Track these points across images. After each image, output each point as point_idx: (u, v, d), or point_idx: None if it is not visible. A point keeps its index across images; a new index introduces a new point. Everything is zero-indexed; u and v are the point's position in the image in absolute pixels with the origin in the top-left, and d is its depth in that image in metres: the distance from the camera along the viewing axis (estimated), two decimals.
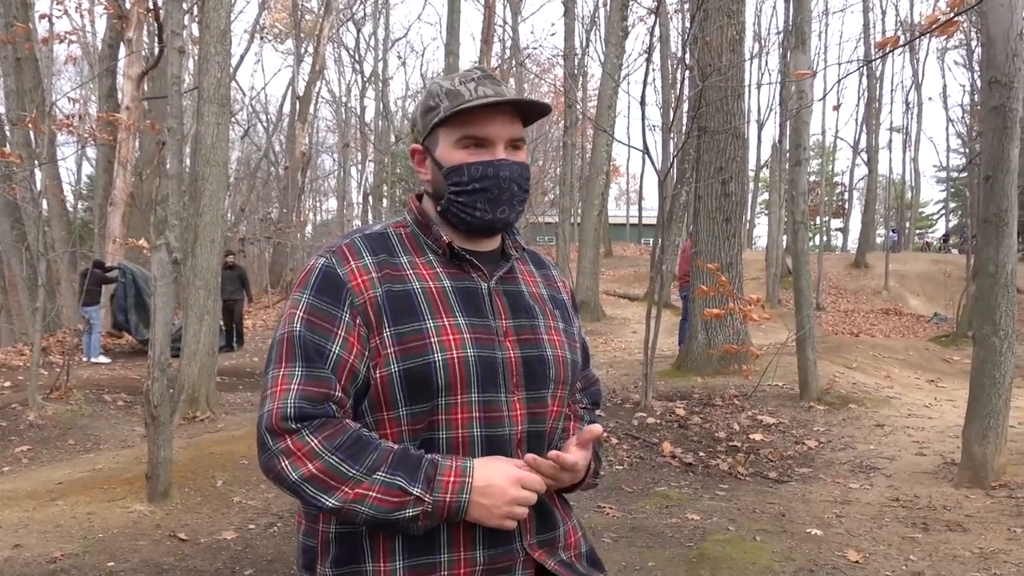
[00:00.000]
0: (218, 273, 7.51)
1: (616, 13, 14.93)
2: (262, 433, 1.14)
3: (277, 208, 29.48)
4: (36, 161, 11.60)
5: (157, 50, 13.96)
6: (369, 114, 32.83)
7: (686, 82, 10.75)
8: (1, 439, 6.54)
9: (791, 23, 11.61)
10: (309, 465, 1.10)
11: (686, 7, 16.28)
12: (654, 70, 21.49)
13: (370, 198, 29.23)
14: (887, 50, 4.74)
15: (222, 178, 7.52)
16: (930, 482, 5.06)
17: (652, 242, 12.00)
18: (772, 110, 30.29)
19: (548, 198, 33.36)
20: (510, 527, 1.16)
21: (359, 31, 29.99)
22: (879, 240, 35.84)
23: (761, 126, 33.17)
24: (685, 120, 10.03)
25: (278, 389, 1.14)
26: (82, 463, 5.80)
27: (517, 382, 1.22)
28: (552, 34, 59.48)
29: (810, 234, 16.09)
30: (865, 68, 23.17)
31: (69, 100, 12.01)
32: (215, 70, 7.24)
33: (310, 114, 25.84)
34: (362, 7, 29.59)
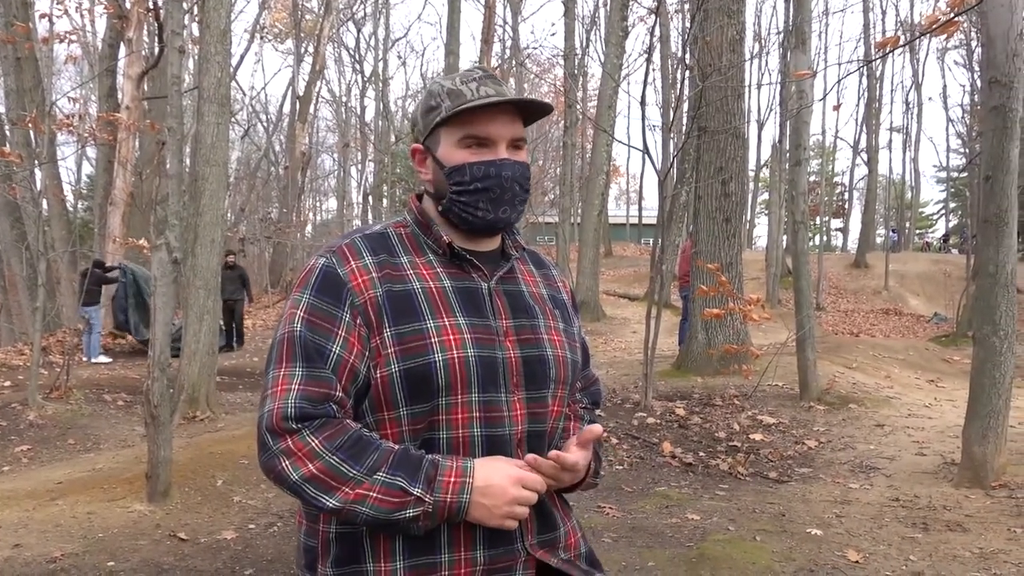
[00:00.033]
0: (218, 273, 7.51)
1: (616, 13, 14.93)
2: (263, 433, 1.14)
3: (277, 208, 29.48)
4: (36, 161, 11.59)
5: (157, 50, 13.96)
6: (369, 114, 32.89)
7: (686, 82, 10.74)
8: (1, 439, 6.54)
9: (791, 23, 11.61)
10: (310, 465, 1.10)
11: (686, 7, 16.27)
12: (654, 70, 21.51)
13: (370, 198, 29.24)
14: (887, 50, 4.74)
15: (222, 178, 7.52)
16: (930, 482, 5.06)
17: (652, 242, 11.99)
18: (772, 110, 30.33)
19: (548, 198, 33.36)
20: (511, 527, 1.16)
21: (359, 31, 30.02)
22: (879, 240, 35.85)
23: (761, 126, 33.23)
24: (685, 120, 10.03)
25: (279, 389, 1.14)
26: (82, 463, 5.80)
27: (517, 382, 1.22)
28: (552, 34, 59.52)
29: (810, 234, 16.10)
30: (865, 68, 23.17)
31: (69, 100, 12.02)
32: (215, 70, 7.25)
33: (310, 114, 25.84)
34: (362, 7, 29.63)
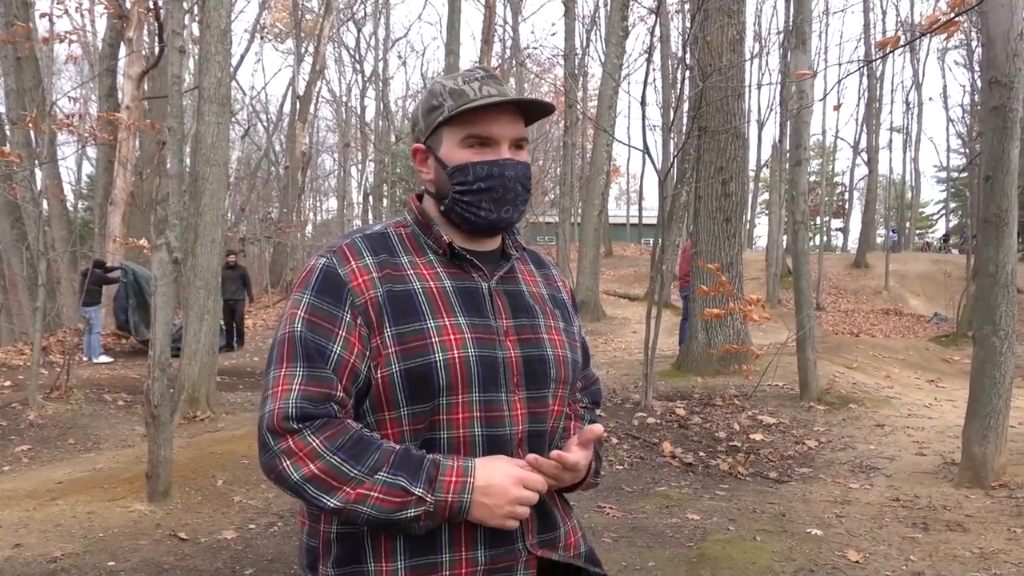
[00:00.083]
0: (218, 273, 7.51)
1: (616, 13, 14.93)
2: (263, 433, 1.14)
3: (277, 208, 29.48)
4: (36, 160, 11.59)
5: (157, 50, 13.96)
6: (369, 114, 32.89)
7: (686, 82, 10.73)
8: (1, 438, 6.54)
9: (791, 23, 11.60)
10: (311, 465, 1.10)
11: (686, 7, 16.28)
12: (654, 70, 21.51)
13: (370, 198, 29.24)
14: (887, 50, 4.74)
15: (222, 178, 7.52)
16: (930, 482, 5.06)
17: (652, 242, 11.99)
18: (772, 110, 30.33)
19: (548, 198, 33.35)
20: (512, 527, 1.16)
21: (359, 31, 30.02)
22: (879, 240, 35.86)
23: (761, 126, 33.23)
24: (685, 120, 10.03)
25: (279, 389, 1.14)
26: (82, 462, 5.80)
27: (518, 382, 1.22)
28: (552, 34, 59.43)
29: (810, 234, 16.09)
30: (865, 68, 23.17)
31: (69, 99, 12.02)
32: (215, 70, 7.25)
33: (310, 114, 25.84)
34: (362, 7, 29.63)
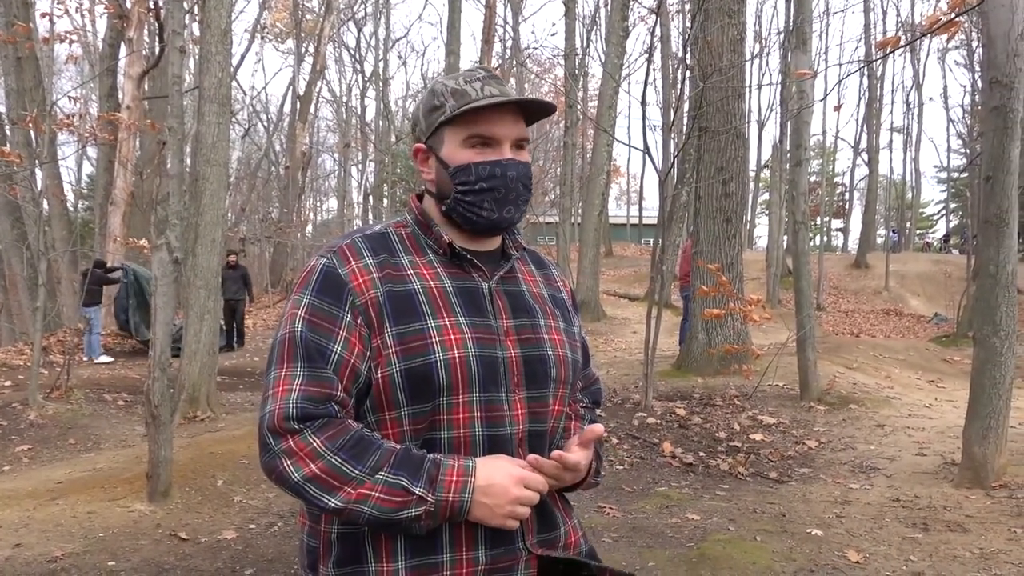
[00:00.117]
0: (218, 273, 7.52)
1: (617, 13, 14.93)
2: (264, 434, 1.14)
3: (277, 208, 29.48)
4: (37, 160, 11.59)
5: (158, 49, 13.97)
6: (370, 114, 32.90)
7: (687, 82, 10.73)
8: (2, 438, 6.54)
9: (792, 23, 11.60)
10: (312, 465, 1.10)
11: (687, 7, 16.28)
12: (655, 70, 21.52)
13: (370, 198, 29.25)
14: (888, 50, 4.74)
15: (223, 178, 7.53)
16: (930, 482, 5.06)
17: (652, 242, 11.99)
18: (773, 110, 30.32)
19: (548, 198, 33.34)
20: (512, 527, 1.16)
21: (360, 31, 30.03)
22: (880, 240, 35.88)
23: (762, 126, 33.23)
24: (686, 120, 10.03)
25: (280, 390, 1.14)
26: (82, 462, 5.80)
27: (518, 382, 1.22)
28: (553, 34, 59.52)
29: (811, 234, 16.10)
30: (866, 68, 23.17)
31: (70, 99, 12.05)
32: (216, 70, 7.25)
33: (311, 114, 25.85)
34: (363, 7, 29.64)
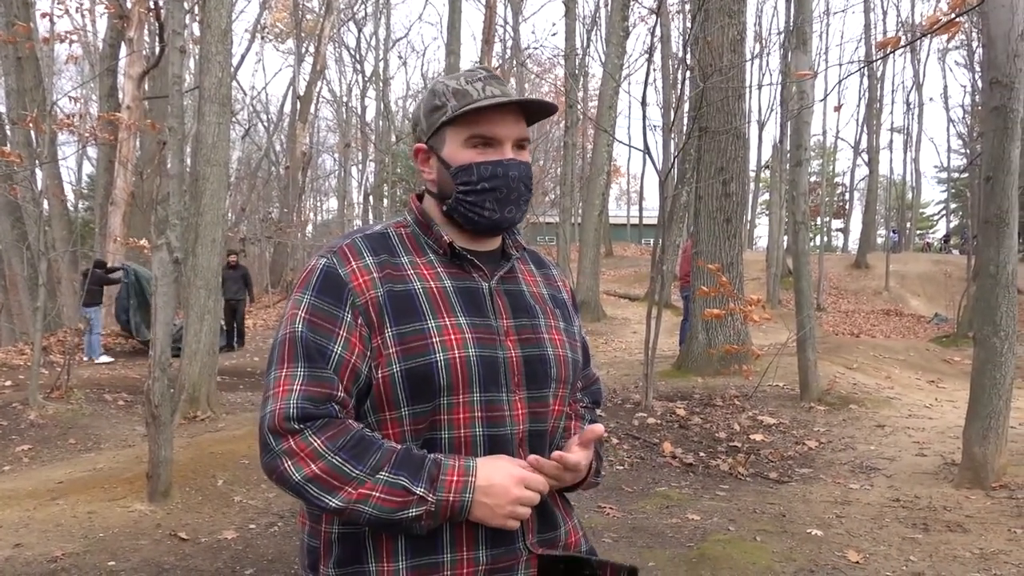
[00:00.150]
0: (218, 273, 7.52)
1: (617, 13, 14.94)
2: (264, 434, 1.14)
3: (278, 208, 29.48)
4: (37, 160, 11.59)
5: (158, 49, 13.97)
6: (370, 114, 32.90)
7: (687, 82, 10.74)
8: (2, 438, 6.54)
9: (792, 23, 11.60)
10: (312, 466, 1.10)
11: (687, 7, 16.28)
12: (655, 70, 21.52)
13: (371, 198, 29.25)
14: (888, 51, 4.74)
15: (223, 178, 7.53)
16: (930, 483, 5.06)
17: (653, 242, 12.00)
18: (773, 110, 30.28)
19: (549, 198, 33.35)
20: (513, 527, 1.16)
21: (360, 31, 30.04)
22: (880, 240, 35.88)
23: (762, 126, 33.21)
24: (686, 120, 10.04)
25: (280, 390, 1.14)
26: (83, 462, 5.80)
27: (519, 381, 1.22)
28: (553, 34, 59.52)
29: (811, 234, 16.10)
30: (866, 69, 23.16)
31: (70, 99, 12.08)
32: (216, 70, 7.25)
33: (311, 114, 25.86)
34: (363, 7, 29.65)
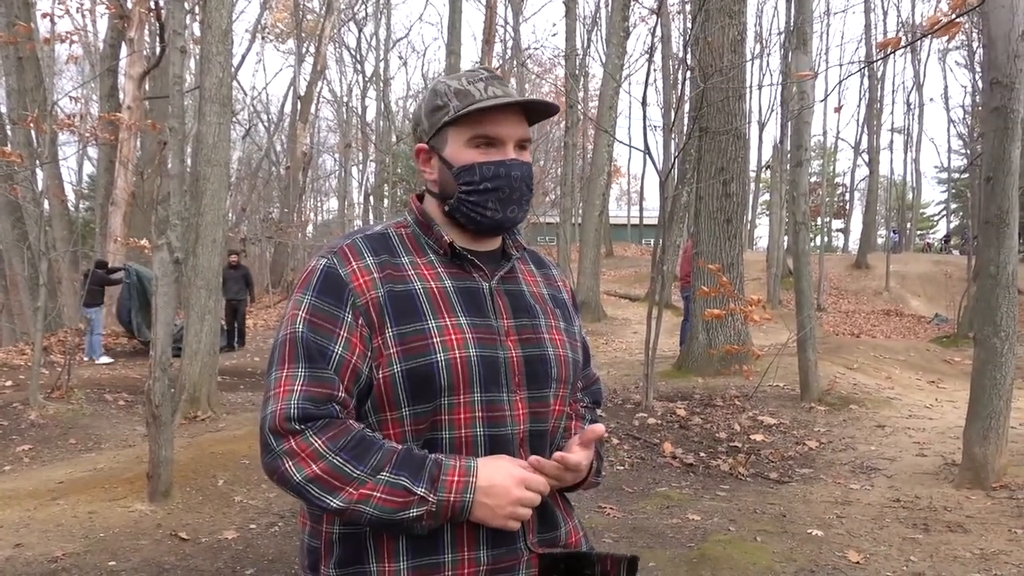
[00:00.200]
0: (219, 273, 7.53)
1: (617, 14, 14.94)
2: (265, 434, 1.14)
3: (278, 208, 29.49)
4: (38, 161, 11.60)
5: (159, 50, 13.98)
6: (370, 114, 32.90)
7: (687, 83, 10.75)
8: (2, 438, 6.55)
9: (792, 24, 11.61)
10: (313, 466, 1.10)
11: (688, 8, 16.28)
12: (655, 71, 21.53)
13: (371, 198, 29.25)
14: (888, 51, 4.74)
15: (223, 178, 7.53)
16: (931, 483, 5.06)
17: (653, 242, 12.00)
18: (773, 111, 30.22)
19: (549, 198, 33.35)
20: (514, 528, 1.16)
21: (360, 31, 30.05)
22: (880, 241, 35.87)
23: (762, 127, 33.19)
24: (686, 121, 10.04)
25: (281, 390, 1.14)
26: (83, 462, 5.81)
27: (519, 382, 1.22)
28: (553, 34, 59.47)
29: (811, 235, 16.09)
30: (866, 69, 23.17)
31: (71, 99, 12.09)
32: (217, 70, 7.26)
33: (311, 114, 25.87)
34: (363, 7, 29.64)
